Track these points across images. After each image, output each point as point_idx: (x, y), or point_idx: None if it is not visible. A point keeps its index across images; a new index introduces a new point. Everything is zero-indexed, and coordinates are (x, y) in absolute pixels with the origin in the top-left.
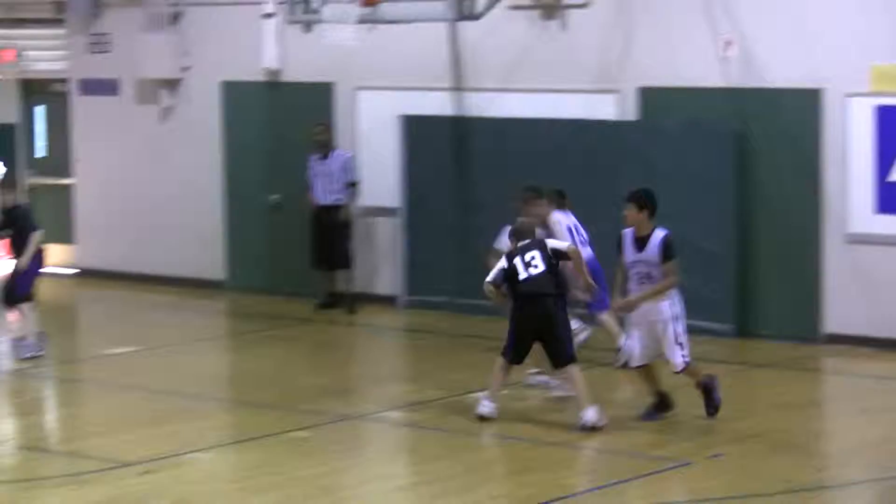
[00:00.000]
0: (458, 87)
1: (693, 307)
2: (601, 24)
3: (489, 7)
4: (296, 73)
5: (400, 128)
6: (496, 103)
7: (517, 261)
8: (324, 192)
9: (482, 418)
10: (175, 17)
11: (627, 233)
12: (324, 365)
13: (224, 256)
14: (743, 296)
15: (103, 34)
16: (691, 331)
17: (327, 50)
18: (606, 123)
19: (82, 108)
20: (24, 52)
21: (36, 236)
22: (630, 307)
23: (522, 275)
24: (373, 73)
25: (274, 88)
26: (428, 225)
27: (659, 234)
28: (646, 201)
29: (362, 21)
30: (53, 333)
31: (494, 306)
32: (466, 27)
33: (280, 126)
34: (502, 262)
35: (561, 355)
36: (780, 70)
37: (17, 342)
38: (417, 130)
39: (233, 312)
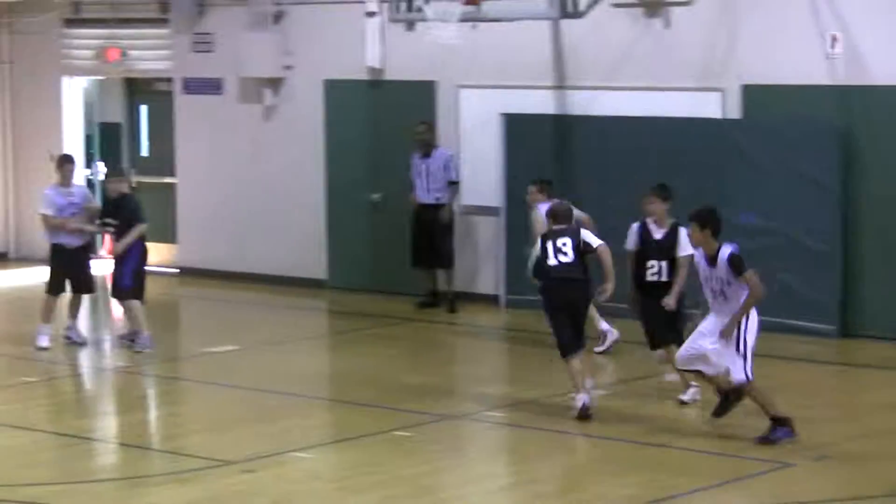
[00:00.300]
0: (560, 86)
1: (796, 307)
2: (704, 21)
3: (592, 5)
4: (398, 71)
5: (502, 126)
6: (598, 101)
7: (549, 244)
8: (425, 191)
9: (583, 415)
10: (278, 17)
11: (699, 249)
12: (424, 364)
13: (325, 255)
14: (847, 295)
15: (207, 33)
16: (795, 331)
17: (429, 48)
18: (710, 122)
19: (186, 108)
20: (129, 52)
21: (140, 228)
22: (731, 333)
23: (552, 261)
24: (475, 72)
25: (376, 87)
26: (529, 224)
27: (725, 252)
28: (707, 220)
29: (465, 19)
30: (155, 332)
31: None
32: (569, 25)
33: (382, 124)
34: (537, 246)
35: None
36: (885, 67)
37: (126, 338)
38: (519, 129)
39: (334, 311)
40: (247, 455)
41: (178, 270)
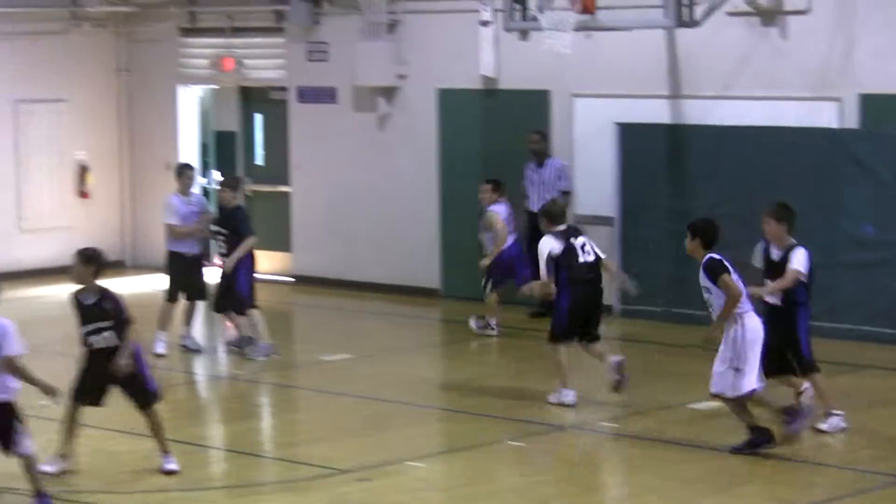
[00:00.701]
0: (675, 95)
1: None
2: (821, 29)
3: (708, 14)
4: (512, 80)
5: (616, 135)
6: (714, 110)
7: (573, 243)
8: (538, 201)
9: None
10: (392, 25)
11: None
12: (537, 374)
13: (439, 264)
14: None
15: (322, 42)
16: None
17: (544, 57)
18: (826, 131)
19: (300, 116)
20: (244, 61)
21: (249, 241)
22: (711, 341)
23: (581, 259)
24: (589, 81)
25: (490, 96)
26: (643, 234)
27: (704, 259)
28: (698, 229)
29: (579, 28)
30: (270, 340)
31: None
32: (684, 34)
33: (495, 134)
34: (553, 247)
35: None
36: None
37: (234, 345)
38: (634, 138)
39: (446, 320)
40: (361, 463)
41: (292, 279)
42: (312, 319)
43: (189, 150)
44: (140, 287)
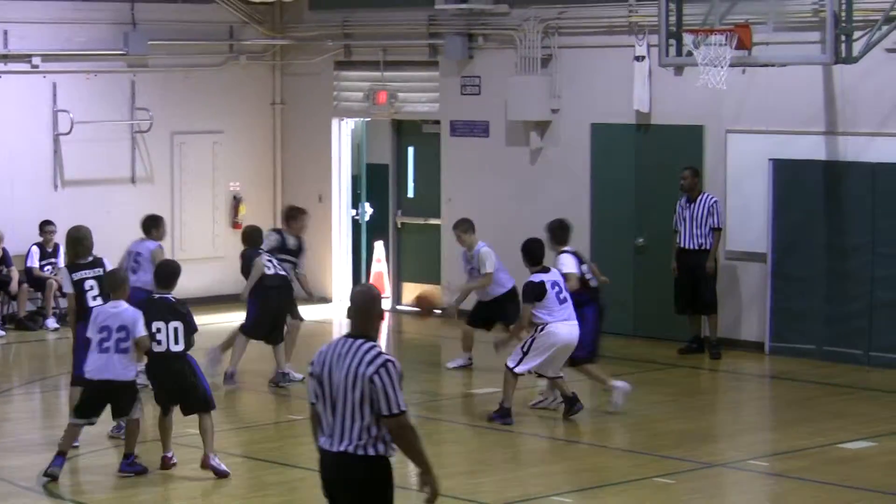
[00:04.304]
0: (831, 131)
1: None
2: None
3: (867, 50)
4: (665, 115)
5: (770, 172)
6: (871, 147)
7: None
8: (689, 237)
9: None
10: (546, 60)
11: None
12: (687, 410)
13: None
14: None
15: (475, 76)
16: None
17: (698, 92)
18: None
19: (452, 149)
20: (398, 94)
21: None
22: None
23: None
24: (744, 117)
25: (643, 131)
26: (797, 271)
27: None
28: (523, 249)
29: (735, 64)
30: (415, 372)
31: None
32: (841, 70)
33: (648, 168)
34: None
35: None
36: None
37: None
38: (788, 174)
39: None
40: (506, 498)
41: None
42: (459, 352)
43: (342, 182)
44: None
